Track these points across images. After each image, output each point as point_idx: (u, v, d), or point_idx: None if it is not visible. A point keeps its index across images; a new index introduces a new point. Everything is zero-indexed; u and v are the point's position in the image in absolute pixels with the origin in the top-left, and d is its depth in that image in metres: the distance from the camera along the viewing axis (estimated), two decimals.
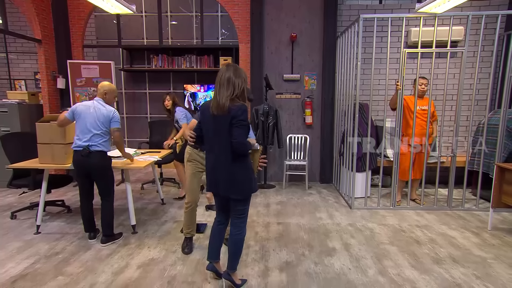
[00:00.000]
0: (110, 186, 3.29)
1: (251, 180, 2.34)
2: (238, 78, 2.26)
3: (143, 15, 6.63)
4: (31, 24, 5.36)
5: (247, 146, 2.25)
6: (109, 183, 3.28)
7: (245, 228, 2.48)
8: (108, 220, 3.26)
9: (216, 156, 2.32)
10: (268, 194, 5.03)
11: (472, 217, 4.06)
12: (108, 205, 3.27)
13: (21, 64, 6.57)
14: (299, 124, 5.67)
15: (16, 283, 2.55)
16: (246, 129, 2.23)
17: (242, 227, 2.46)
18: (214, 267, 2.58)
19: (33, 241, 3.32)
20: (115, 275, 2.67)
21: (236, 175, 2.29)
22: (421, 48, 4.07)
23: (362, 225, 3.78)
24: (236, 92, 2.25)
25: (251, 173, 2.35)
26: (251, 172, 2.35)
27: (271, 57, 5.52)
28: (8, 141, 3.83)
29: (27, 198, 4.68)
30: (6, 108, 5.13)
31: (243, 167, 2.30)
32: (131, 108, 6.97)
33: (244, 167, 2.31)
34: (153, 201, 4.65)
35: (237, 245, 2.46)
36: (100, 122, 3.08)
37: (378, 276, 2.68)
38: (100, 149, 3.09)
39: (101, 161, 3.15)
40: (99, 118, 3.08)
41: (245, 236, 2.49)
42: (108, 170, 3.25)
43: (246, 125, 2.21)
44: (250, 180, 2.33)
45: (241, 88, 2.26)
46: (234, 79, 2.24)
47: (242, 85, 2.27)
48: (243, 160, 2.30)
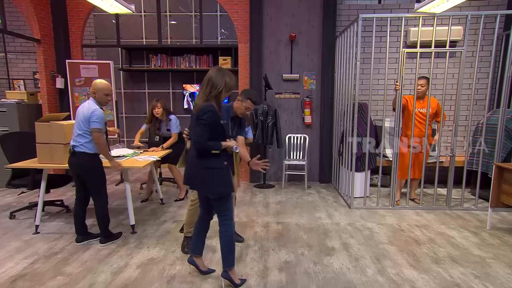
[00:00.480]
0: (99, 186, 3.19)
1: (221, 180, 2.37)
2: (219, 80, 2.31)
3: (142, 15, 6.63)
4: (30, 23, 5.35)
5: (203, 146, 2.29)
6: (96, 184, 3.16)
7: (231, 225, 2.50)
8: (101, 220, 3.22)
9: (191, 152, 2.43)
10: (268, 193, 5.03)
11: (471, 217, 4.06)
12: (98, 204, 3.20)
13: (20, 64, 6.57)
14: (298, 124, 5.67)
15: (15, 283, 2.55)
16: (206, 128, 2.26)
17: (227, 225, 2.48)
18: (193, 261, 2.66)
19: (32, 241, 3.31)
20: (114, 275, 2.67)
21: (204, 173, 2.35)
22: (420, 48, 4.07)
23: (361, 225, 3.78)
24: (213, 93, 2.30)
25: (222, 173, 2.36)
26: (222, 172, 2.36)
27: (270, 56, 5.52)
28: (7, 141, 3.83)
29: (26, 198, 4.67)
30: (5, 108, 5.12)
31: (208, 164, 2.34)
32: (130, 107, 6.97)
33: (210, 164, 2.35)
34: (152, 201, 4.64)
35: (227, 242, 2.49)
36: (81, 122, 3.00)
37: (377, 276, 2.68)
38: (82, 150, 3.02)
39: (85, 162, 3.07)
40: (80, 118, 3.02)
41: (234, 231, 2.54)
42: (94, 171, 3.13)
43: (205, 125, 2.25)
44: (220, 180, 2.36)
45: (218, 89, 2.31)
46: (214, 80, 2.31)
47: (220, 88, 2.31)
48: (209, 158, 2.33)
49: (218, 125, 2.32)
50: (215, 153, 2.33)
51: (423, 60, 5.28)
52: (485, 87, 5.23)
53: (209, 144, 2.29)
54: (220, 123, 2.33)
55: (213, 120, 2.27)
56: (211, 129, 2.29)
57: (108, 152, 3.14)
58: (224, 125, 2.36)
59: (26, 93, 5.60)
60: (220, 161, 2.36)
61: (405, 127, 4.33)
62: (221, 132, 2.36)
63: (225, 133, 2.40)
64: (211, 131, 2.29)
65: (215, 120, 2.29)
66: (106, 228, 3.26)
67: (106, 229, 3.26)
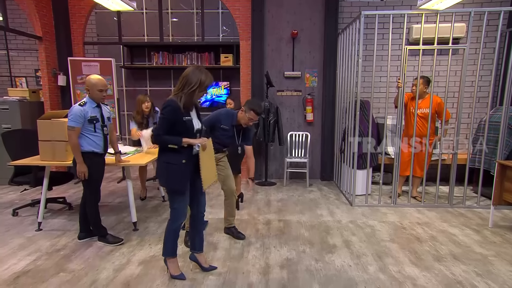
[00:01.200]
0: (88, 183, 3.07)
1: (173, 176, 2.39)
2: (194, 78, 2.31)
3: (144, 12, 6.62)
4: (31, 21, 5.35)
5: (158, 138, 2.34)
6: (85, 180, 3.05)
7: (173, 222, 2.51)
8: (90, 219, 3.19)
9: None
10: (269, 191, 5.03)
11: (473, 215, 4.05)
12: (87, 201, 3.16)
13: (22, 61, 6.57)
14: (300, 121, 5.66)
15: (18, 279, 2.56)
16: (164, 122, 2.30)
17: (171, 219, 2.52)
18: (194, 258, 2.73)
19: (34, 238, 3.33)
20: (117, 272, 2.68)
21: (162, 167, 2.42)
22: (422, 45, 4.05)
23: (363, 222, 3.78)
24: (186, 91, 2.31)
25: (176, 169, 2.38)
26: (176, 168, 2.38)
27: (272, 54, 5.51)
28: (9, 138, 3.84)
29: (29, 195, 4.69)
30: (7, 105, 5.14)
31: (165, 159, 2.40)
32: (132, 105, 6.96)
33: (167, 159, 2.39)
34: (154, 198, 4.65)
35: (166, 232, 2.56)
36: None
37: (379, 273, 2.68)
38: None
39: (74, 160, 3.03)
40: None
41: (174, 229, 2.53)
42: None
43: (163, 118, 2.30)
44: (172, 176, 2.39)
45: (192, 87, 2.30)
46: (188, 77, 2.33)
47: (194, 85, 2.30)
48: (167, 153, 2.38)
49: (180, 121, 2.32)
50: (174, 149, 2.34)
51: (425, 58, 5.26)
52: (488, 85, 5.22)
53: (165, 138, 2.32)
54: (182, 119, 2.32)
55: (172, 115, 2.29)
56: (171, 123, 2.31)
57: (78, 153, 2.96)
58: (187, 121, 2.34)
59: (28, 90, 5.61)
60: (179, 157, 2.37)
61: (406, 125, 4.32)
62: (184, 128, 2.35)
63: (190, 130, 2.37)
64: (171, 126, 2.31)
65: (175, 116, 2.30)
66: (97, 227, 3.21)
67: (97, 228, 3.21)
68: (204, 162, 2.43)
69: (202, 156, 2.40)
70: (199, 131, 2.49)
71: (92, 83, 3.00)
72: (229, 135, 3.17)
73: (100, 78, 3.05)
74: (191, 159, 2.41)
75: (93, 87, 2.99)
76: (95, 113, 3.03)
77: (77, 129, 2.92)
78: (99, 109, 3.08)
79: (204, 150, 2.42)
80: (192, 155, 2.42)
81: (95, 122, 3.01)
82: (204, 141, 2.41)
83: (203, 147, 2.40)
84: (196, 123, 2.46)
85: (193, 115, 2.46)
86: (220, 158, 3.25)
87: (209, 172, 2.53)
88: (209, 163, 2.54)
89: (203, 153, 2.41)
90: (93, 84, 2.99)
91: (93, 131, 3.01)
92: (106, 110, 3.19)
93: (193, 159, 2.42)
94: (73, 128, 2.91)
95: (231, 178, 3.30)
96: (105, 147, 3.15)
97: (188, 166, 2.41)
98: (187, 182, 2.45)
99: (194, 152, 2.42)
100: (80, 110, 2.93)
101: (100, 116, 3.08)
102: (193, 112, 2.47)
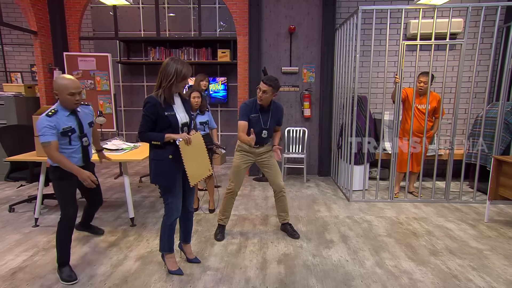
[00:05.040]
0: (59, 201, 2.56)
1: (160, 171, 2.41)
2: (170, 69, 2.28)
3: (140, 7, 6.58)
4: (26, 15, 5.30)
5: (141, 135, 2.35)
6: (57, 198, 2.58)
7: (168, 218, 2.51)
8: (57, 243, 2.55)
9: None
10: (267, 187, 5.04)
11: (469, 210, 4.08)
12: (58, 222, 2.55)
13: (17, 56, 6.52)
14: (298, 117, 5.66)
15: (15, 275, 2.56)
16: (145, 119, 2.31)
17: (165, 215, 2.53)
18: (181, 246, 2.83)
19: (31, 234, 3.32)
20: (114, 267, 2.69)
21: (151, 164, 2.45)
22: (420, 41, 4.05)
23: (360, 218, 3.80)
24: (164, 84, 2.30)
25: (162, 164, 2.39)
26: (162, 164, 2.39)
27: (269, 49, 5.49)
28: (5, 134, 3.81)
29: (25, 191, 4.68)
30: (2, 101, 5.11)
31: (152, 155, 2.43)
32: (129, 100, 6.95)
33: (153, 156, 2.41)
34: (151, 194, 4.66)
35: (161, 227, 2.58)
36: None
37: (376, 268, 2.70)
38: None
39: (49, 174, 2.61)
40: None
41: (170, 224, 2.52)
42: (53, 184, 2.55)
43: (144, 115, 2.30)
44: (158, 171, 2.41)
45: (170, 80, 2.28)
46: (165, 70, 2.29)
47: (172, 77, 2.28)
48: (153, 149, 2.40)
49: (161, 116, 2.31)
50: (158, 145, 2.35)
51: (423, 53, 5.26)
52: (485, 80, 5.23)
53: (147, 134, 2.33)
54: (164, 114, 2.31)
55: (152, 112, 2.29)
56: (153, 120, 2.31)
57: (69, 164, 2.40)
58: (169, 116, 2.32)
59: (24, 86, 5.58)
60: (164, 153, 2.37)
61: (403, 120, 4.33)
62: (167, 124, 2.34)
63: (173, 125, 2.36)
64: (154, 122, 2.32)
65: (155, 112, 2.29)
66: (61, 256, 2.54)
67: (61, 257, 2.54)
68: (188, 156, 2.40)
69: (184, 150, 2.36)
70: (186, 125, 2.46)
71: (61, 84, 2.36)
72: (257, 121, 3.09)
73: (72, 79, 2.41)
74: (179, 154, 2.38)
75: (63, 90, 2.36)
76: (70, 123, 2.43)
77: (54, 143, 2.34)
78: (74, 117, 2.47)
79: (188, 144, 2.37)
80: (177, 150, 2.38)
81: (70, 134, 2.44)
82: (185, 135, 2.36)
83: (185, 141, 2.36)
84: (183, 117, 2.43)
85: (178, 109, 2.42)
86: (262, 153, 3.20)
87: (197, 167, 2.49)
88: (198, 157, 2.49)
89: (185, 148, 2.36)
90: (62, 87, 2.36)
91: (67, 144, 2.45)
92: (85, 114, 2.59)
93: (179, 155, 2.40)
94: (49, 143, 2.32)
95: (277, 175, 3.23)
96: (85, 158, 2.62)
97: (176, 161, 2.39)
98: (175, 178, 2.44)
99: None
100: (47, 121, 2.31)
101: (78, 125, 2.49)
102: (179, 106, 2.44)
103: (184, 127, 2.44)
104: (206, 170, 2.58)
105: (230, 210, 3.31)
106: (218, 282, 2.50)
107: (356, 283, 2.49)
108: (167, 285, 2.46)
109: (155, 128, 2.34)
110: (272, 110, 3.12)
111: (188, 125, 2.49)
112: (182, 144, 2.35)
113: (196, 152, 2.47)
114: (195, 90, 3.73)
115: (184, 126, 2.44)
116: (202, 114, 3.84)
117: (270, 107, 3.10)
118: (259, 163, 3.23)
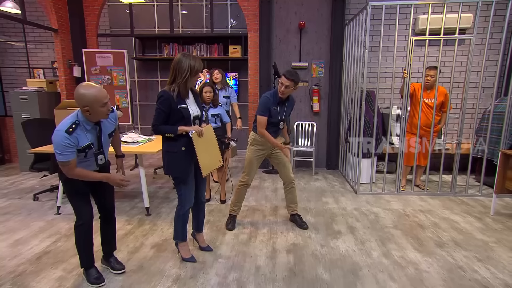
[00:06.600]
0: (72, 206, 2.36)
1: (173, 164, 2.49)
2: (183, 64, 2.34)
3: (155, 5, 6.72)
4: (47, 13, 5.51)
5: (155, 129, 2.42)
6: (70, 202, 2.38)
7: (181, 208, 2.61)
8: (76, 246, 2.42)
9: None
10: (276, 179, 5.14)
11: (475, 203, 4.11)
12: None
13: (39, 53, 6.75)
14: (307, 111, 5.75)
15: (40, 259, 2.73)
16: (158, 112, 2.37)
17: (178, 205, 2.62)
18: (194, 235, 2.94)
19: (54, 221, 3.50)
20: (131, 254, 2.81)
21: (164, 156, 2.52)
22: (429, 36, 4.06)
23: (367, 210, 3.87)
24: (179, 80, 2.36)
25: (175, 156, 2.47)
26: (175, 156, 2.47)
27: (279, 45, 5.57)
28: (29, 127, 3.99)
29: (48, 181, 4.89)
30: (26, 96, 5.38)
31: (165, 148, 2.50)
32: (144, 96, 7.13)
33: (167, 148, 2.49)
34: (165, 185, 4.81)
35: (175, 217, 2.67)
36: None
37: (382, 258, 2.76)
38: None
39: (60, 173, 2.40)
40: None
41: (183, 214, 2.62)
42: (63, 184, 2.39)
43: (157, 109, 2.37)
44: (171, 164, 2.50)
45: (185, 75, 2.34)
46: (178, 66, 2.35)
47: (186, 73, 2.34)
48: (166, 142, 2.48)
49: (174, 110, 2.37)
50: (171, 137, 2.42)
51: (431, 48, 5.25)
52: (493, 75, 5.21)
53: (161, 127, 2.40)
54: (177, 108, 2.37)
55: (165, 105, 2.36)
56: (166, 113, 2.38)
57: (91, 174, 2.24)
58: (182, 109, 2.39)
59: (46, 81, 5.82)
60: (177, 145, 2.45)
61: (411, 115, 4.37)
62: (180, 116, 2.40)
63: (186, 117, 2.42)
64: (167, 116, 2.39)
65: (168, 105, 2.36)
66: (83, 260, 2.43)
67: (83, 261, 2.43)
68: (201, 148, 2.48)
69: (197, 142, 2.45)
70: (198, 118, 2.55)
71: (90, 97, 2.06)
72: (276, 113, 3.15)
73: (97, 87, 2.12)
74: (192, 146, 2.45)
75: (94, 104, 2.08)
76: (90, 138, 2.21)
77: (73, 161, 2.14)
78: (96, 131, 2.24)
79: (200, 136, 2.46)
80: (190, 143, 2.46)
81: (87, 151, 2.22)
82: (197, 128, 2.44)
83: (198, 133, 2.44)
84: (194, 110, 2.50)
85: (190, 102, 2.49)
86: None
87: (209, 157, 2.57)
88: (209, 149, 2.58)
89: (198, 140, 2.45)
90: (93, 99, 2.06)
91: (82, 158, 2.24)
92: (108, 124, 2.34)
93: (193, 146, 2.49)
94: (68, 162, 2.11)
95: (288, 168, 3.32)
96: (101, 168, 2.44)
97: (188, 153, 2.47)
98: (188, 169, 2.52)
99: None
100: (67, 139, 2.07)
101: (97, 139, 2.26)
102: (190, 99, 2.51)
103: (196, 120, 2.53)
104: (217, 161, 2.69)
105: (242, 201, 3.40)
106: (230, 269, 2.59)
107: (363, 273, 2.55)
108: (181, 271, 2.55)
109: (168, 121, 2.40)
110: (288, 102, 3.22)
111: (199, 118, 2.57)
112: (195, 136, 2.43)
113: (208, 144, 2.56)
114: (207, 85, 3.86)
115: (196, 119, 2.52)
116: (215, 107, 3.97)
117: (287, 99, 3.19)
118: (271, 156, 3.33)
